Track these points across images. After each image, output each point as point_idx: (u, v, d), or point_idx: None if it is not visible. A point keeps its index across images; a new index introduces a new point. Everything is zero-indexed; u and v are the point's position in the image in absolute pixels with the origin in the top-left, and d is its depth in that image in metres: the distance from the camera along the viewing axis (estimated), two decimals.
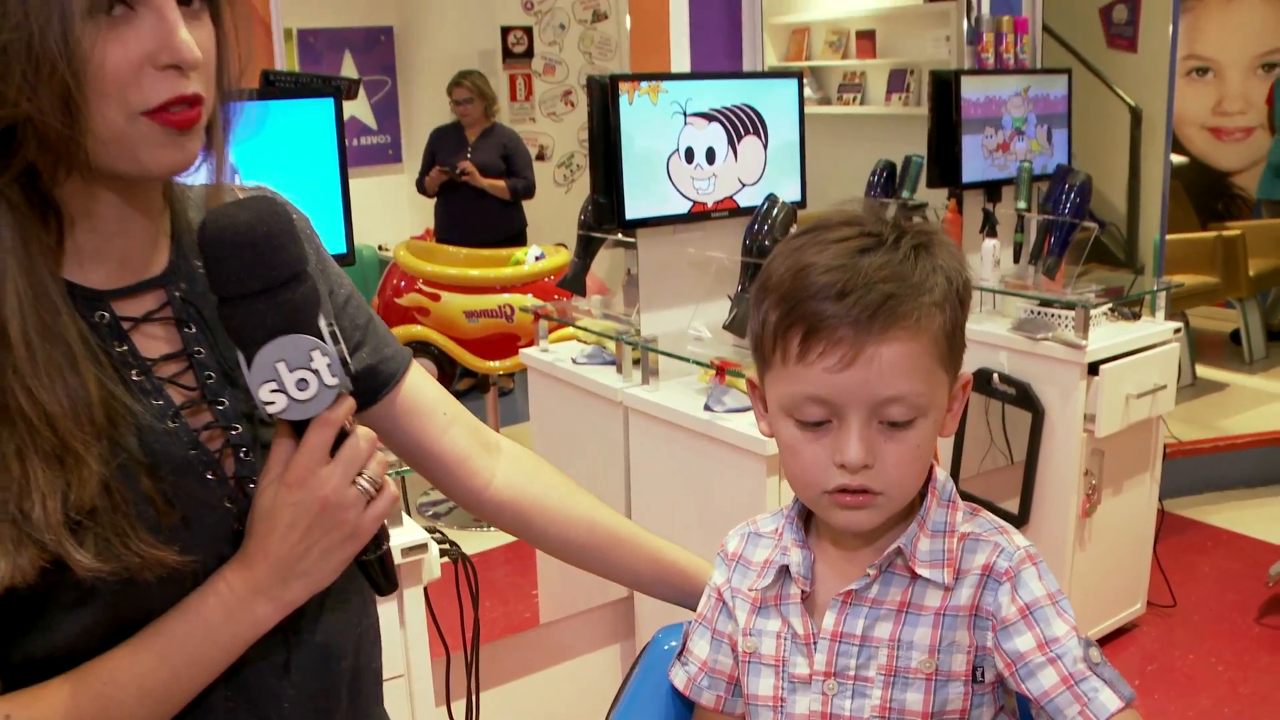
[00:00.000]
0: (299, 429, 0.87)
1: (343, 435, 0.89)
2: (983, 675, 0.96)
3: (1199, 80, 6.40)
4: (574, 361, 2.88)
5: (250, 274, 0.83)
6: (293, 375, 0.84)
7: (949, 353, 0.94)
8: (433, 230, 5.75)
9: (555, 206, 6.12)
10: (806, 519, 1.04)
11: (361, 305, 1.10)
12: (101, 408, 0.81)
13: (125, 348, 0.88)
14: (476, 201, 5.40)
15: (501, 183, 5.33)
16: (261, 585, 0.87)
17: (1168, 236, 4.50)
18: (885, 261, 0.91)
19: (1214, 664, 3.17)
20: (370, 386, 1.09)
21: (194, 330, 0.92)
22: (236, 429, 0.92)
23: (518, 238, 5.52)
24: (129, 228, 0.89)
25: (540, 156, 6.81)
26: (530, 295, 4.28)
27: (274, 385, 0.84)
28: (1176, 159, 5.79)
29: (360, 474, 0.89)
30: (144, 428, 0.85)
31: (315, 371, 0.85)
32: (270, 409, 0.85)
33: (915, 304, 0.91)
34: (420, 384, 1.14)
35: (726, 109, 2.57)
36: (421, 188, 5.53)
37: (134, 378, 0.87)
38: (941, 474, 1.02)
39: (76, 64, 0.77)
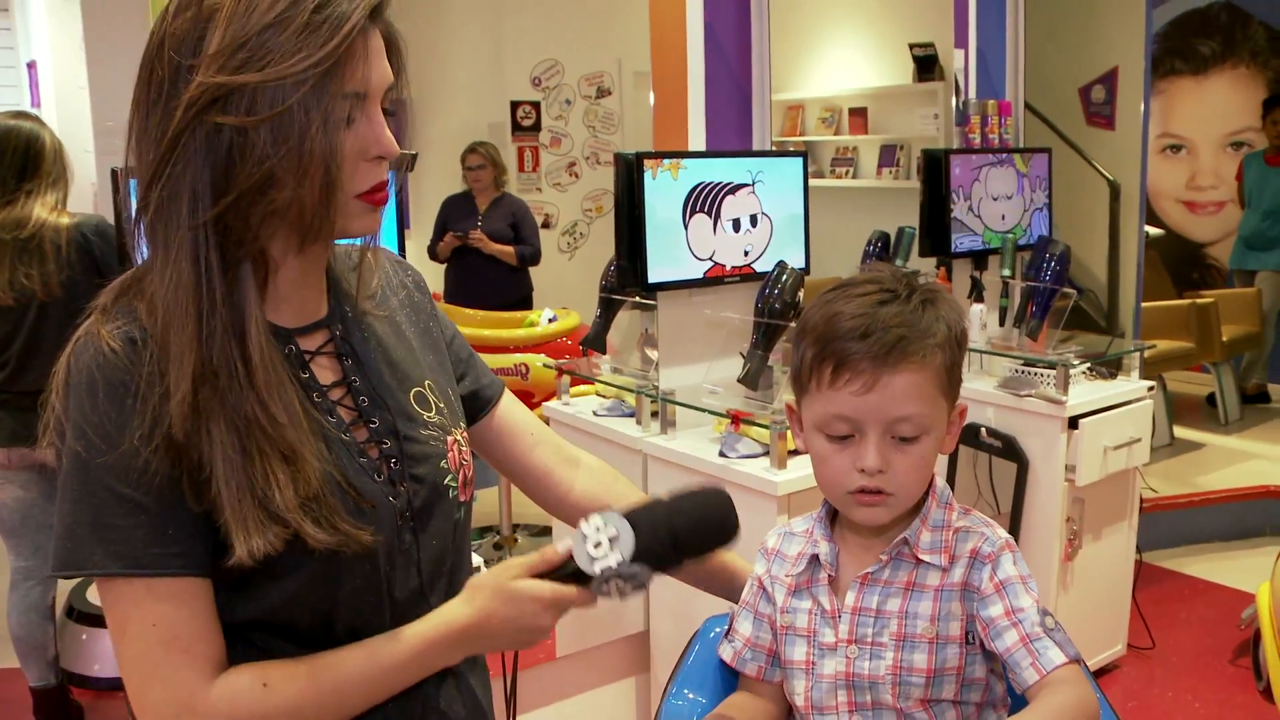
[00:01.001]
0: (568, 577, 1.12)
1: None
2: (974, 638, 1.19)
3: (1173, 157, 6.73)
4: (594, 414, 3.11)
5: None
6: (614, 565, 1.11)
7: (949, 384, 1.20)
8: (441, 294, 5.99)
9: (560, 272, 6.38)
10: (832, 519, 1.28)
11: (464, 343, 1.35)
12: (305, 418, 1.06)
13: (308, 375, 1.12)
14: (486, 267, 5.64)
15: (510, 249, 5.58)
16: (473, 643, 1.14)
17: (1145, 304, 4.77)
18: (899, 311, 1.17)
19: (1190, 701, 3.38)
20: (472, 408, 1.33)
21: (350, 363, 1.16)
22: (386, 443, 1.15)
23: (524, 302, 5.76)
24: (309, 279, 1.14)
25: (545, 224, 7.09)
26: (544, 355, 4.52)
27: (606, 564, 1.10)
28: (1153, 231, 6.08)
29: None
30: (330, 437, 1.09)
31: (620, 582, 1.12)
32: (592, 564, 1.11)
33: (922, 344, 1.16)
34: (512, 409, 1.39)
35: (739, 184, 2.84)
36: (433, 254, 5.77)
37: (315, 398, 1.11)
38: (940, 481, 1.26)
39: (339, 160, 1.02)
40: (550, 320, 4.75)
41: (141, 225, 1.04)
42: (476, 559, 2.12)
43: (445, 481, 1.18)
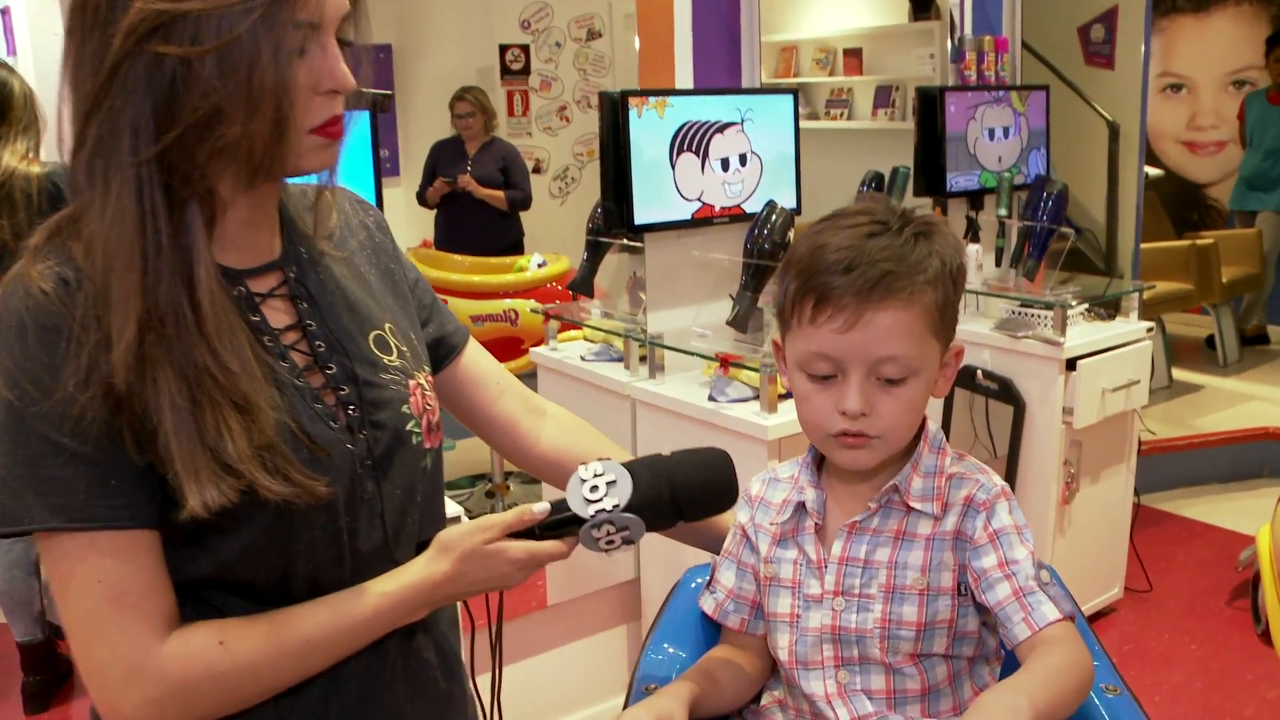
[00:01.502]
0: (549, 529, 1.10)
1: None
2: (966, 589, 1.13)
3: (1173, 96, 6.63)
4: (582, 359, 3.05)
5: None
6: (605, 528, 1.09)
7: (940, 324, 1.12)
8: (431, 240, 5.92)
9: (551, 217, 6.30)
10: (819, 465, 1.22)
11: (428, 288, 1.29)
12: (257, 364, 1.00)
13: (258, 318, 1.06)
14: (475, 213, 5.57)
15: (500, 194, 5.51)
16: (441, 600, 1.10)
17: (1145, 245, 4.70)
18: (888, 245, 1.10)
19: (1187, 643, 3.36)
20: (436, 356, 1.27)
21: (306, 306, 1.10)
22: (344, 389, 1.09)
23: (516, 247, 5.69)
24: (260, 218, 1.08)
25: (536, 170, 7.00)
26: (533, 300, 4.46)
27: (600, 506, 1.08)
28: (1153, 172, 6.00)
29: None
30: (282, 382, 1.03)
31: (611, 530, 1.09)
32: (586, 507, 1.08)
33: (910, 280, 1.09)
34: (477, 357, 1.33)
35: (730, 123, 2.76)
36: (422, 200, 5.69)
37: (267, 343, 1.05)
38: (933, 425, 1.20)
39: (291, 93, 0.96)
40: (540, 265, 4.69)
41: (78, 161, 0.97)
42: (455, 508, 2.08)
43: (408, 427, 1.12)
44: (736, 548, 1.26)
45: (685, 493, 1.11)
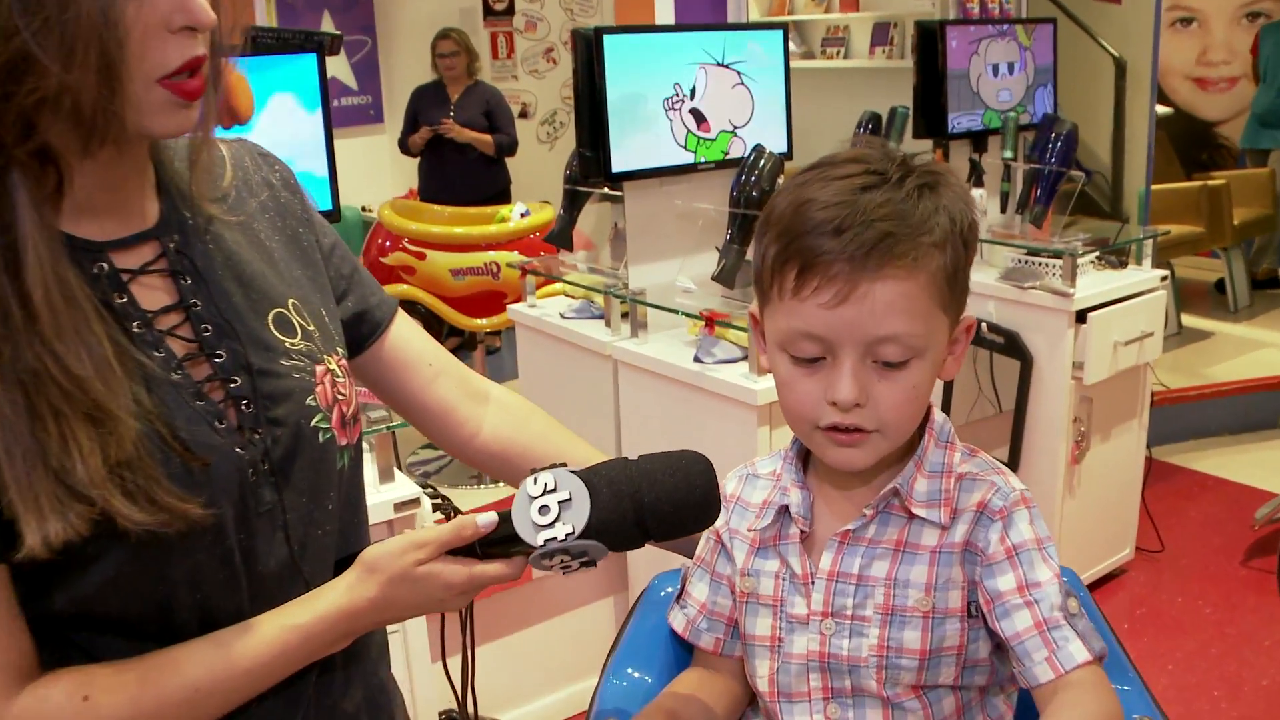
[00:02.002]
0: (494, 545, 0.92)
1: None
2: (976, 610, 0.96)
3: (1183, 31, 6.38)
4: (562, 316, 2.87)
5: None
6: (560, 548, 0.90)
7: (949, 294, 0.94)
8: (416, 190, 5.72)
9: (538, 164, 6.10)
10: (805, 459, 1.04)
11: (347, 254, 1.10)
12: (117, 361, 0.81)
13: (125, 299, 0.87)
14: (461, 160, 5.37)
15: (486, 137, 5.31)
16: (364, 628, 0.94)
17: (1153, 187, 4.50)
18: (886, 200, 0.90)
19: (1201, 606, 3.21)
20: (357, 334, 1.09)
21: (189, 282, 0.91)
22: (236, 381, 0.91)
23: (502, 195, 5.49)
24: (124, 180, 0.88)
25: (523, 114, 6.78)
26: (516, 252, 4.27)
27: (551, 534, 0.89)
28: (1161, 110, 5.77)
29: None
30: (152, 379, 0.85)
31: (566, 558, 0.91)
32: (536, 534, 0.90)
33: (913, 243, 0.90)
34: (407, 335, 1.14)
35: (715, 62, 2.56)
36: (405, 148, 5.48)
37: (135, 329, 0.86)
38: (940, 415, 1.02)
39: (119, 33, 0.76)
40: (523, 215, 4.48)
41: None
42: (412, 488, 1.90)
43: (313, 423, 0.94)
44: (710, 555, 1.09)
45: (655, 515, 0.91)
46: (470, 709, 2.09)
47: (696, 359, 2.44)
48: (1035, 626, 0.91)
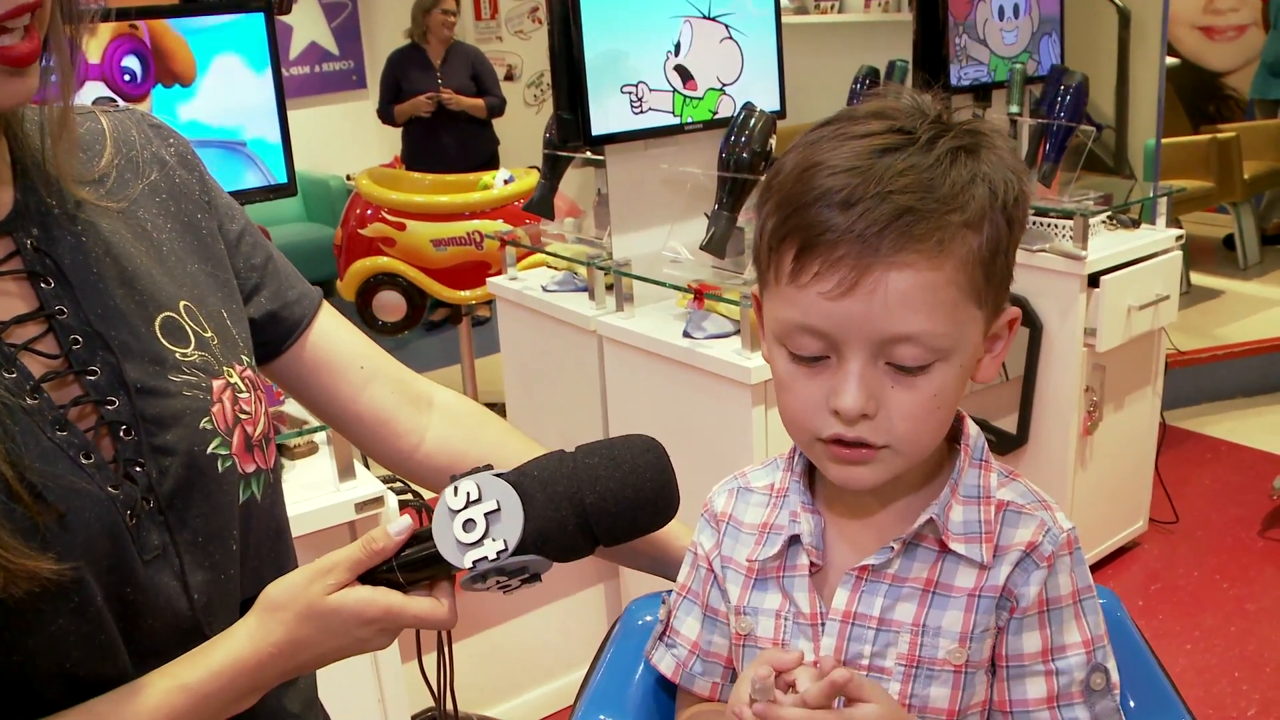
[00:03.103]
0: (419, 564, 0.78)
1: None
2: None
3: None
4: (544, 289, 2.71)
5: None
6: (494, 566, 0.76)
7: (984, 284, 0.76)
8: (400, 158, 5.53)
9: (525, 128, 5.91)
10: (810, 474, 0.88)
11: (260, 243, 0.94)
12: None
13: None
14: (447, 126, 5.20)
15: (479, 102, 5.14)
16: (272, 680, 0.79)
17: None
18: (910, 165, 0.73)
19: (1219, 581, 3.07)
20: (272, 335, 0.93)
21: (52, 285, 0.76)
22: (113, 402, 0.76)
23: (490, 161, 5.31)
24: None
25: (509, 77, 6.58)
26: (500, 221, 4.10)
27: (480, 554, 0.76)
28: (1167, 60, 5.59)
29: None
30: None
31: (502, 578, 0.78)
32: (462, 555, 0.76)
33: (939, 221, 0.73)
34: (332, 332, 0.98)
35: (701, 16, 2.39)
36: (388, 117, 5.28)
37: None
38: (973, 427, 0.85)
39: None
40: (506, 182, 4.31)
41: None
42: (375, 484, 1.75)
43: (209, 449, 0.79)
44: (701, 586, 0.93)
45: (601, 518, 0.77)
46: (450, 707, 1.96)
47: (686, 334, 2.29)
48: (1047, 701, 0.78)
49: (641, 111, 2.36)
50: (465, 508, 0.76)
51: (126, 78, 1.78)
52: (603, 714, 0.94)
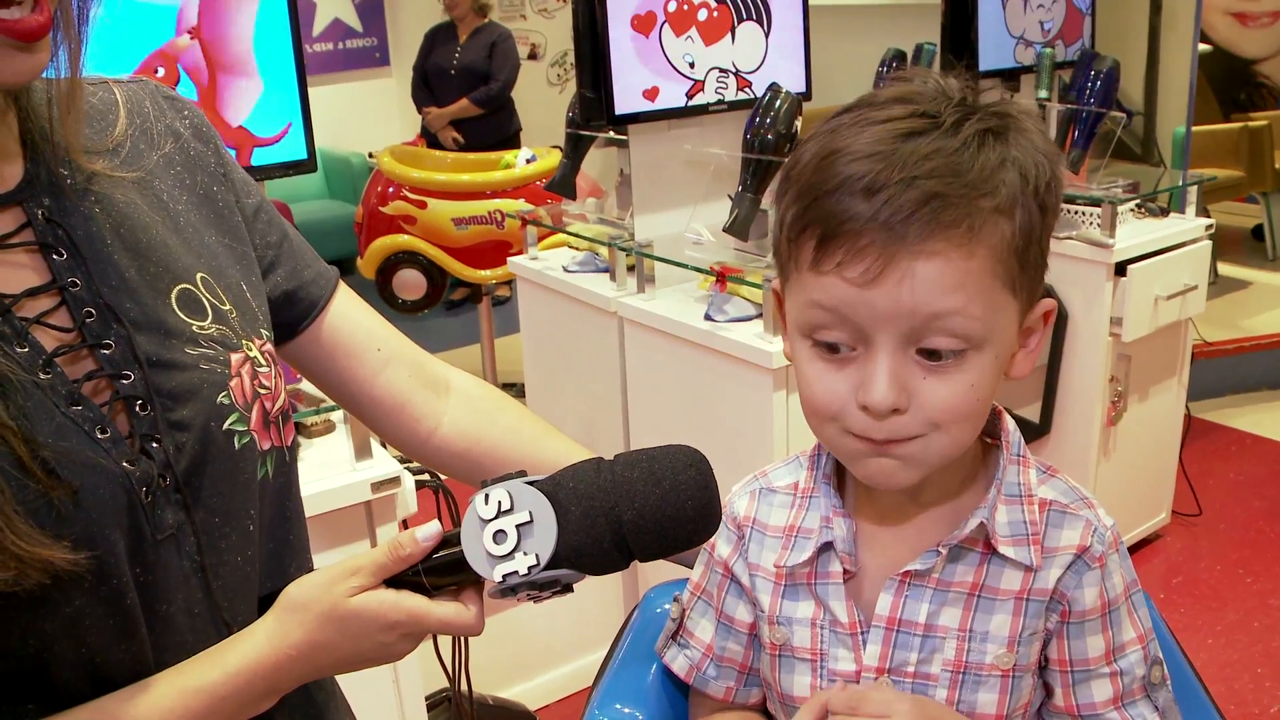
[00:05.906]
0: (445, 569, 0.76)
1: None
2: (1045, 661, 0.81)
3: None
4: (565, 270, 2.69)
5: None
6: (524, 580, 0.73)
7: (1019, 271, 0.74)
8: (422, 136, 5.54)
9: (549, 107, 5.88)
10: (840, 473, 0.86)
11: (275, 220, 0.92)
12: None
13: None
14: (459, 120, 5.25)
15: (464, 101, 5.15)
16: (291, 682, 0.77)
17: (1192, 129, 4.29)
18: (936, 149, 0.71)
19: (1242, 575, 3.03)
20: (288, 318, 0.91)
21: (64, 257, 0.74)
22: (128, 376, 0.74)
23: (511, 141, 5.30)
24: None
25: (533, 56, 6.56)
26: (522, 200, 4.09)
27: (510, 568, 0.73)
28: (1199, 47, 5.52)
29: None
30: (8, 381, 0.68)
31: (533, 590, 0.75)
32: (492, 567, 0.73)
33: (969, 207, 0.70)
34: (349, 313, 0.96)
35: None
36: (420, 100, 5.36)
37: None
38: (1011, 423, 0.83)
39: None
40: (529, 161, 4.28)
41: None
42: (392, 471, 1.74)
43: (226, 424, 0.77)
44: (716, 589, 0.90)
45: (638, 536, 0.74)
46: (465, 689, 1.95)
47: (708, 316, 2.27)
48: (1113, 702, 0.77)
49: (665, 91, 2.33)
50: (496, 517, 0.73)
51: None
52: (619, 703, 0.93)
